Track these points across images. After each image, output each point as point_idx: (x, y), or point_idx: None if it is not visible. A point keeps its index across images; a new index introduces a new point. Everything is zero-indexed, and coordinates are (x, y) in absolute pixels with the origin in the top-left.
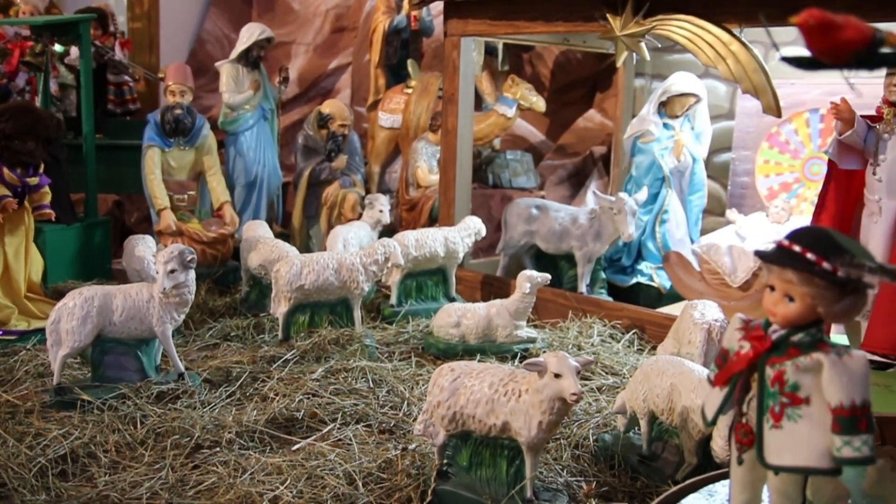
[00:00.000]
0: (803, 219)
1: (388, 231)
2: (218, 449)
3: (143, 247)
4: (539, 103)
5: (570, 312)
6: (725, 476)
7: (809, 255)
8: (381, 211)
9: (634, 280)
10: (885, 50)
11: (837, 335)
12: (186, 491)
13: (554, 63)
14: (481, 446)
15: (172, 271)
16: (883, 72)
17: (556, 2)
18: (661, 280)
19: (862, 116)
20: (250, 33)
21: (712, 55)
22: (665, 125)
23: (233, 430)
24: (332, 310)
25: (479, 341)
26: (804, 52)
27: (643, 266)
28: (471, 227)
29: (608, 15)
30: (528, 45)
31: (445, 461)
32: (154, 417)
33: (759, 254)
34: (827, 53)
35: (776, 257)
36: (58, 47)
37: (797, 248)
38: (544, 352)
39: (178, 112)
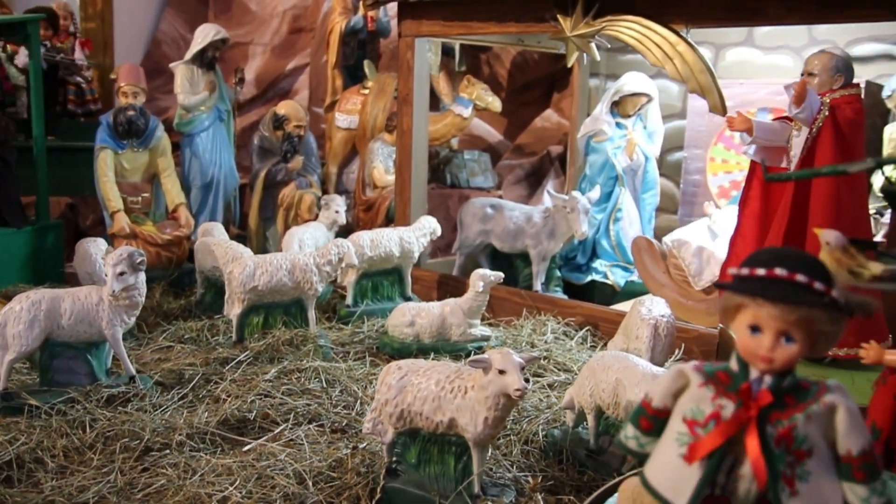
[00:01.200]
0: None
1: (344, 231)
2: (168, 451)
3: (94, 250)
4: (495, 103)
5: (525, 310)
6: None
7: (818, 286)
8: (336, 212)
9: (589, 278)
10: None
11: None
12: (135, 494)
13: (511, 63)
14: (429, 443)
15: (122, 274)
16: None
17: (508, 3)
18: (616, 277)
19: (782, 118)
20: (205, 34)
21: (660, 55)
22: (618, 124)
23: (183, 432)
24: (287, 311)
25: (434, 340)
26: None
27: (598, 264)
28: (426, 227)
29: (559, 16)
30: (484, 45)
31: (394, 458)
32: (103, 421)
33: (752, 291)
34: None
35: (782, 293)
36: None
37: (802, 279)
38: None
39: (130, 113)
